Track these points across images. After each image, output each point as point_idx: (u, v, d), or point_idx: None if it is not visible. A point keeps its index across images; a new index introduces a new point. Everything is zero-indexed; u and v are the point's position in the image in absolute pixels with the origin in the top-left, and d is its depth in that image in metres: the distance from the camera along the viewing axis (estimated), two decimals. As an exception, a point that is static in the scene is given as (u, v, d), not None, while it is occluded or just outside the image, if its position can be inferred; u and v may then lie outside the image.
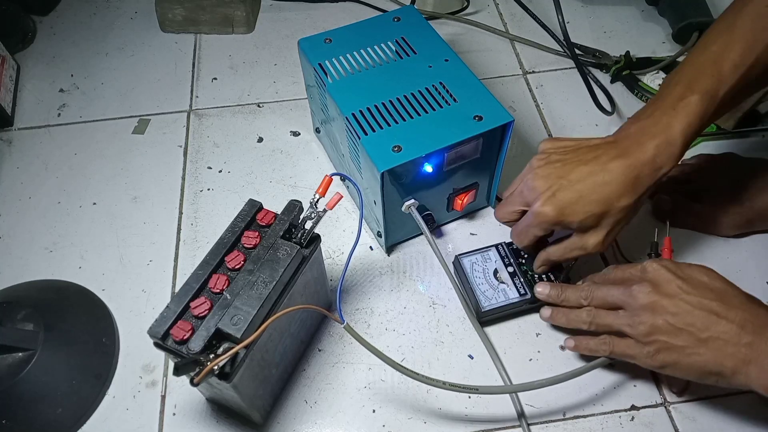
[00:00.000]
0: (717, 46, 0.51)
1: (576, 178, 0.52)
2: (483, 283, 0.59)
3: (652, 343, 0.48)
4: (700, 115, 0.50)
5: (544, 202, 0.52)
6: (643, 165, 0.51)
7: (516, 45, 0.88)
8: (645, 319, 0.48)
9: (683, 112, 0.50)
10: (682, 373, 0.49)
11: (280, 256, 0.47)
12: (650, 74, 0.81)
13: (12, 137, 0.78)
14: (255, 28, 0.91)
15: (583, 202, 0.51)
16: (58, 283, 0.64)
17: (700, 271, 0.50)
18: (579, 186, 0.51)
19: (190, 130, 0.78)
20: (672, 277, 0.49)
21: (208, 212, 0.69)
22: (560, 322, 0.56)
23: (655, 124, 0.51)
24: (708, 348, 0.46)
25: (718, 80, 0.50)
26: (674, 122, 0.50)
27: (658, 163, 0.51)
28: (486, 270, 0.60)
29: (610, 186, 0.51)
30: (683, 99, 0.50)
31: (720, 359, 0.46)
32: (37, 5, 0.92)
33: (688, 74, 0.52)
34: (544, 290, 0.57)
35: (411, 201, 0.59)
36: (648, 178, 0.51)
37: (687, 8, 0.84)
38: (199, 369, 0.42)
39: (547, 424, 0.54)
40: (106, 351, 0.58)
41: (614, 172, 0.51)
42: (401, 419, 0.55)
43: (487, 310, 0.58)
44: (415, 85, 0.61)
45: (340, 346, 0.59)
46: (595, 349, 0.53)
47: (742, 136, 0.74)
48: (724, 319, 0.46)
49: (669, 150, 0.50)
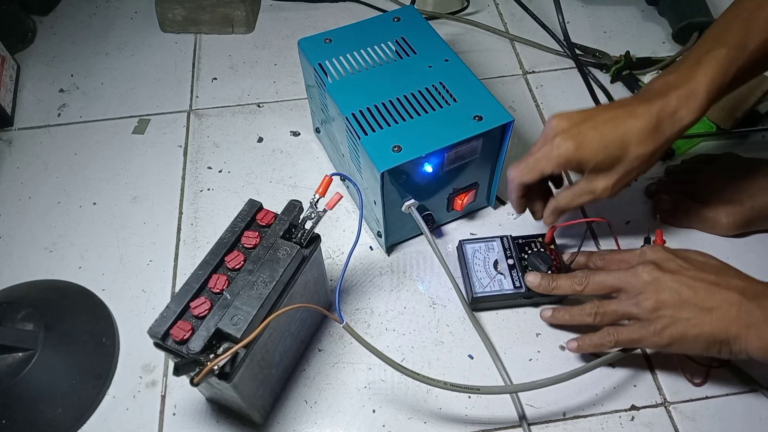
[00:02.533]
0: (748, 4, 0.50)
1: (601, 119, 0.51)
2: (481, 271, 0.60)
3: (659, 319, 0.49)
4: (725, 67, 0.49)
5: (565, 137, 0.52)
6: (665, 114, 0.50)
7: (516, 45, 0.88)
8: (650, 296, 0.49)
9: (708, 63, 0.50)
10: (688, 346, 0.49)
11: (280, 256, 0.47)
12: (650, 74, 0.81)
13: (12, 137, 0.78)
14: (255, 28, 0.91)
15: (603, 141, 0.51)
16: (58, 283, 0.64)
17: (695, 252, 0.53)
18: (602, 126, 0.51)
19: (190, 130, 0.78)
20: (671, 256, 0.51)
21: (208, 212, 0.69)
22: (562, 319, 0.56)
23: (678, 77, 0.51)
24: (712, 316, 0.47)
25: (747, 34, 0.49)
26: (698, 74, 0.50)
27: (680, 114, 0.50)
28: (487, 259, 0.60)
29: (631, 131, 0.50)
30: (709, 52, 0.50)
31: (725, 326, 0.47)
32: (37, 5, 0.92)
33: (716, 30, 0.51)
34: (535, 280, 0.57)
35: (411, 201, 0.59)
36: (669, 129, 0.51)
37: (687, 8, 0.84)
38: (199, 369, 0.42)
39: (547, 424, 0.54)
40: (106, 351, 0.58)
41: (638, 117, 0.51)
42: (401, 419, 0.55)
43: (479, 296, 0.58)
44: (415, 85, 0.61)
45: (340, 346, 0.59)
46: (599, 343, 0.53)
47: (742, 136, 0.74)
48: (725, 288, 0.48)
49: (691, 102, 0.50)
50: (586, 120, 0.52)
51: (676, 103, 0.50)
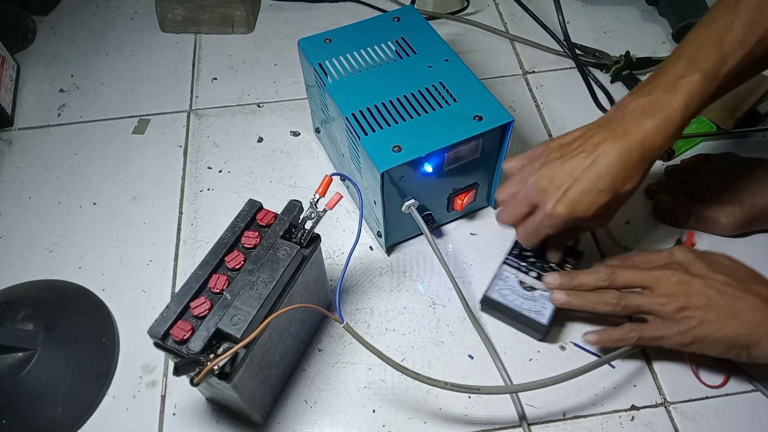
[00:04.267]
0: (721, 22, 0.50)
1: (580, 172, 0.51)
2: (524, 302, 0.58)
3: (684, 320, 0.50)
4: (701, 94, 0.50)
5: (555, 203, 0.52)
6: (642, 146, 0.50)
7: (516, 45, 0.88)
8: (679, 297, 0.51)
9: (683, 90, 0.50)
10: (709, 347, 0.51)
11: (280, 256, 0.47)
12: (650, 74, 0.81)
13: (12, 137, 0.78)
14: (255, 28, 0.91)
15: (592, 195, 0.51)
16: (58, 283, 0.64)
17: (723, 256, 0.55)
18: (585, 181, 0.51)
19: (190, 130, 0.78)
20: (698, 260, 0.53)
21: (208, 212, 0.69)
22: (576, 303, 0.55)
23: (653, 102, 0.51)
24: (736, 321, 0.49)
25: (721, 58, 0.49)
26: (674, 101, 0.50)
27: (657, 143, 0.50)
28: (514, 289, 0.59)
29: (613, 173, 0.51)
30: (684, 77, 0.50)
31: (747, 331, 0.49)
32: (37, 5, 0.92)
33: (690, 50, 0.51)
34: (555, 280, 0.57)
35: (411, 201, 0.59)
36: (648, 158, 0.51)
37: (687, 8, 0.84)
38: (199, 369, 0.42)
39: (547, 424, 0.54)
40: (106, 351, 0.58)
41: (614, 156, 0.50)
42: (401, 419, 0.55)
43: (549, 323, 0.57)
44: (415, 85, 0.61)
45: (340, 346, 0.59)
46: (621, 338, 0.54)
47: (742, 136, 0.74)
48: (750, 294, 0.50)
49: (667, 129, 0.50)
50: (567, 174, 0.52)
51: (653, 131, 0.50)
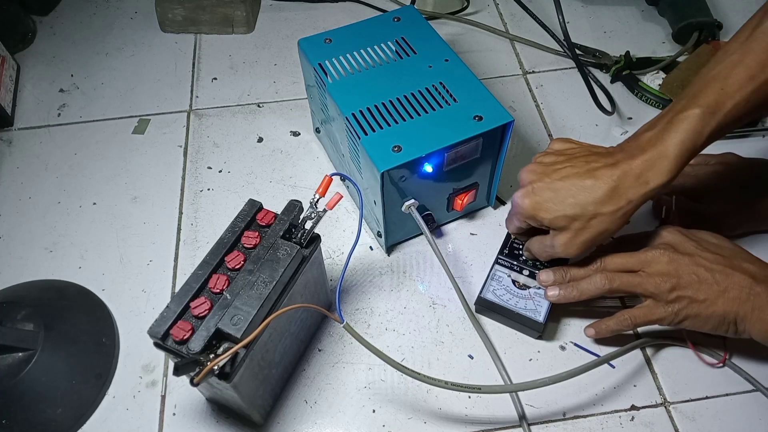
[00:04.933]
0: (728, 62, 0.49)
1: (558, 178, 0.52)
2: (519, 301, 0.58)
3: (677, 300, 0.51)
4: (697, 130, 0.48)
5: (523, 195, 0.53)
6: (627, 177, 0.50)
7: (516, 45, 0.88)
8: (669, 277, 0.52)
9: (680, 126, 0.49)
10: (700, 325, 0.52)
11: (280, 256, 0.47)
12: (650, 74, 0.81)
13: (12, 137, 0.78)
14: (255, 28, 0.91)
15: (557, 201, 0.51)
16: (58, 283, 0.64)
17: (709, 234, 0.55)
18: (558, 185, 0.51)
19: (190, 130, 0.78)
20: (686, 239, 0.54)
21: (208, 212, 0.69)
22: (571, 296, 0.55)
23: (651, 137, 0.50)
24: (725, 298, 0.50)
25: (722, 96, 0.48)
26: (668, 136, 0.49)
27: (645, 177, 0.49)
28: (508, 288, 0.59)
29: (589, 192, 0.50)
30: (683, 112, 0.49)
31: (736, 307, 0.50)
32: (37, 5, 0.92)
33: (694, 88, 0.50)
34: (548, 277, 0.57)
35: (411, 201, 0.59)
36: (632, 191, 0.50)
37: (687, 8, 0.84)
38: (199, 369, 0.42)
39: (547, 424, 0.54)
40: (106, 351, 0.58)
41: (598, 179, 0.50)
42: (401, 419, 0.55)
43: (545, 320, 0.57)
44: (415, 85, 0.61)
45: (340, 346, 0.59)
46: (616, 327, 0.55)
47: (742, 136, 0.74)
48: (738, 270, 0.51)
49: (659, 165, 0.49)
50: (545, 175, 0.52)
51: (642, 165, 0.49)
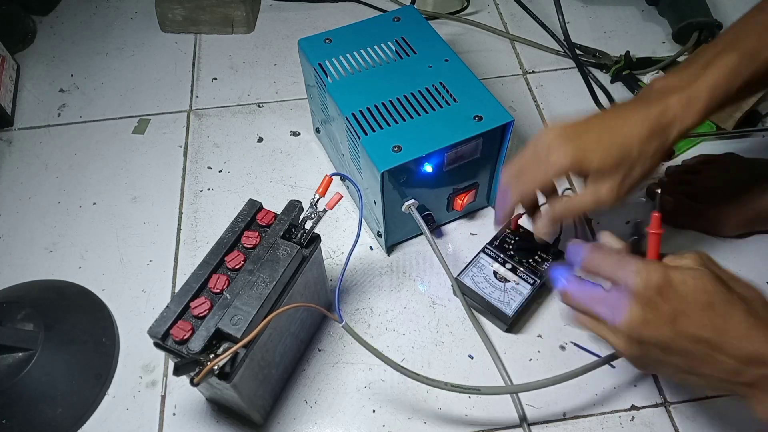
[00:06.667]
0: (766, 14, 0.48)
1: (595, 124, 0.48)
2: (494, 291, 0.58)
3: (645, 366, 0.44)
4: (733, 72, 0.46)
5: (563, 141, 0.47)
6: (662, 117, 0.47)
7: (516, 45, 0.88)
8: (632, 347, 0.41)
9: (715, 68, 0.46)
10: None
11: (280, 256, 0.47)
12: (650, 74, 0.81)
13: (12, 137, 0.78)
14: (255, 28, 0.91)
15: (603, 144, 0.47)
16: (58, 283, 0.64)
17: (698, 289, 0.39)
18: (598, 130, 0.48)
19: (190, 130, 0.78)
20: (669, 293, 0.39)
21: (208, 212, 0.69)
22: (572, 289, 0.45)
23: (681, 80, 0.47)
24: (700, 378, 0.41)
25: (761, 42, 0.46)
26: (702, 76, 0.46)
27: (679, 117, 0.47)
28: (488, 277, 0.59)
29: (629, 133, 0.47)
30: (719, 56, 0.46)
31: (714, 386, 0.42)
32: (37, 5, 0.92)
33: (729, 36, 0.49)
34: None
35: (411, 201, 0.59)
36: (668, 132, 0.47)
37: (687, 8, 0.84)
38: (199, 369, 0.42)
39: (547, 425, 0.54)
40: (106, 351, 0.58)
41: (634, 121, 0.47)
42: (401, 419, 0.55)
43: (514, 315, 0.57)
44: (415, 85, 0.61)
45: (340, 346, 0.59)
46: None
47: (742, 136, 0.74)
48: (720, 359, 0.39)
49: (691, 105, 0.46)
50: (581, 125, 0.49)
51: (677, 106, 0.47)
